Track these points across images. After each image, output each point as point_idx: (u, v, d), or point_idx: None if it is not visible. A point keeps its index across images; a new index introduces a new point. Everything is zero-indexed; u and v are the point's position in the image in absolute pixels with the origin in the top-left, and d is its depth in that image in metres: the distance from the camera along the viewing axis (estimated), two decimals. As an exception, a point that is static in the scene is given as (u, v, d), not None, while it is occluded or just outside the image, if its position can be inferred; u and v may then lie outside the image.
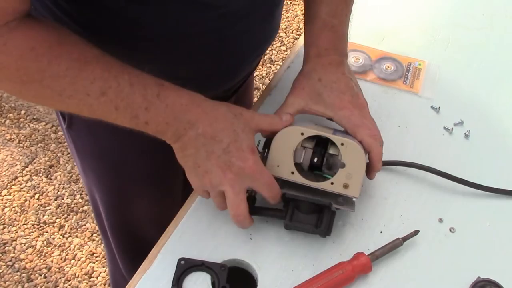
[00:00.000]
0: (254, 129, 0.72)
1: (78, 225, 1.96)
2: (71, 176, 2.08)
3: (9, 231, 1.94)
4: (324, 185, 0.73)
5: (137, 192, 1.05)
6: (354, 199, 0.75)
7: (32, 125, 2.25)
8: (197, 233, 0.78)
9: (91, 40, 0.66)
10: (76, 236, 1.94)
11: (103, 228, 1.18)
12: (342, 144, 0.73)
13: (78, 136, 0.98)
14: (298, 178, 0.73)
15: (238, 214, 0.71)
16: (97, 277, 1.85)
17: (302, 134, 0.73)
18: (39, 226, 1.95)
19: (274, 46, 2.54)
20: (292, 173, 0.73)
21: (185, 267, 0.74)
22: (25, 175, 2.09)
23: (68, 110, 0.76)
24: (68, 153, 2.13)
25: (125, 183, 1.03)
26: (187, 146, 0.69)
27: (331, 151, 0.74)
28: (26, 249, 1.89)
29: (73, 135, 0.98)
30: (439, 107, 0.96)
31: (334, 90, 0.78)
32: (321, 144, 0.75)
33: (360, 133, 0.75)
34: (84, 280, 1.84)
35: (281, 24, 1.19)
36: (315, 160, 0.74)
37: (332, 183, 0.73)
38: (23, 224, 1.95)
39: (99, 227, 1.22)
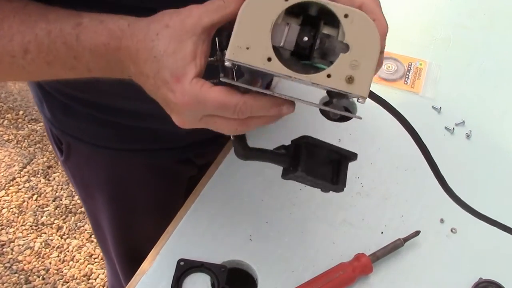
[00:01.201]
0: (193, 32, 0.52)
1: (76, 226, 1.96)
2: (70, 177, 2.08)
3: (7, 233, 1.93)
4: (316, 78, 0.50)
5: (141, 220, 1.04)
6: (359, 100, 0.51)
7: (30, 125, 2.25)
8: (196, 234, 0.78)
9: None
10: (75, 238, 1.93)
11: (106, 249, 1.16)
12: (346, 15, 0.50)
13: (77, 168, 0.97)
14: (278, 67, 0.49)
15: (227, 131, 0.55)
16: (95, 279, 1.84)
17: None
18: (37, 227, 1.95)
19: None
20: (269, 59, 0.49)
21: (185, 268, 0.73)
22: (23, 176, 2.08)
23: (7, 79, 0.70)
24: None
25: (128, 212, 1.02)
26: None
27: (326, 31, 0.52)
28: (24, 250, 1.89)
29: (71, 167, 0.97)
30: (440, 107, 0.96)
31: None
32: (310, 23, 0.52)
33: None
34: (82, 281, 1.83)
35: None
36: (304, 39, 0.51)
37: (329, 75, 0.50)
38: (21, 225, 1.95)
39: (102, 248, 1.20)
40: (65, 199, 2.02)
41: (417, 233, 0.78)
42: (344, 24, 0.50)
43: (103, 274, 1.84)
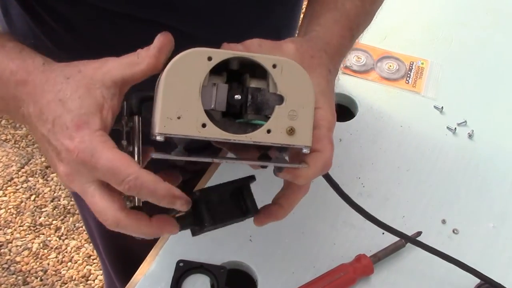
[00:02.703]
0: (102, 83, 0.49)
1: (75, 227, 1.95)
2: (68, 177, 2.07)
3: (4, 233, 1.93)
4: (257, 136, 0.48)
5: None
6: (305, 150, 0.50)
7: (29, 126, 2.25)
8: (196, 234, 0.77)
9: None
10: (73, 238, 1.93)
11: (98, 250, 1.16)
12: (274, 66, 0.49)
13: None
14: (214, 133, 0.47)
15: (108, 222, 0.49)
16: (94, 280, 1.84)
17: (209, 59, 0.47)
18: (35, 228, 1.94)
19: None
20: (204, 125, 0.47)
21: (184, 269, 0.73)
22: (21, 176, 2.08)
23: None
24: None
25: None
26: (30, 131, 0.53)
27: (254, 84, 0.50)
28: (22, 251, 1.88)
29: None
30: (442, 107, 0.95)
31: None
32: (234, 78, 0.50)
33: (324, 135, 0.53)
34: (81, 283, 1.83)
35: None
36: (236, 97, 0.49)
37: (269, 131, 0.48)
38: (19, 226, 1.94)
39: (95, 248, 1.20)
40: (63, 200, 2.02)
41: (418, 234, 0.77)
42: (274, 74, 0.48)
43: (101, 275, 1.84)
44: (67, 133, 0.47)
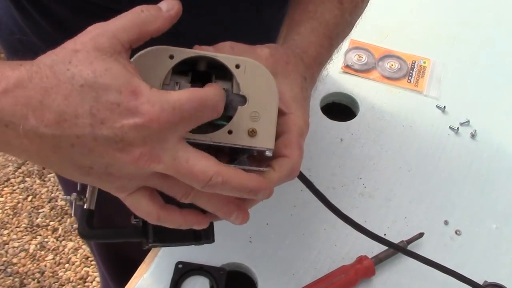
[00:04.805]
0: (114, 49, 0.42)
1: (72, 228, 1.95)
2: (66, 178, 2.07)
3: (1, 234, 1.92)
4: (217, 136, 0.47)
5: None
6: (267, 153, 0.49)
7: (26, 126, 2.24)
8: (195, 235, 0.76)
9: None
10: (70, 240, 1.92)
11: (92, 251, 1.16)
12: (237, 66, 0.48)
13: None
14: None
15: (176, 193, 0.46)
16: (92, 282, 1.84)
17: (171, 57, 0.47)
18: (32, 229, 1.94)
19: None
20: None
21: (183, 271, 0.72)
22: (17, 177, 2.07)
23: None
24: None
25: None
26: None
27: (218, 85, 0.49)
28: (19, 253, 1.88)
29: None
30: (444, 106, 0.95)
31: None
32: (200, 79, 0.49)
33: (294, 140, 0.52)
34: (78, 284, 1.83)
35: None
36: None
37: (230, 132, 0.47)
38: (15, 227, 1.94)
39: (90, 250, 1.20)
40: (61, 200, 2.02)
41: (420, 235, 0.77)
42: (237, 75, 0.48)
43: (99, 277, 1.84)
44: (123, 110, 0.40)
